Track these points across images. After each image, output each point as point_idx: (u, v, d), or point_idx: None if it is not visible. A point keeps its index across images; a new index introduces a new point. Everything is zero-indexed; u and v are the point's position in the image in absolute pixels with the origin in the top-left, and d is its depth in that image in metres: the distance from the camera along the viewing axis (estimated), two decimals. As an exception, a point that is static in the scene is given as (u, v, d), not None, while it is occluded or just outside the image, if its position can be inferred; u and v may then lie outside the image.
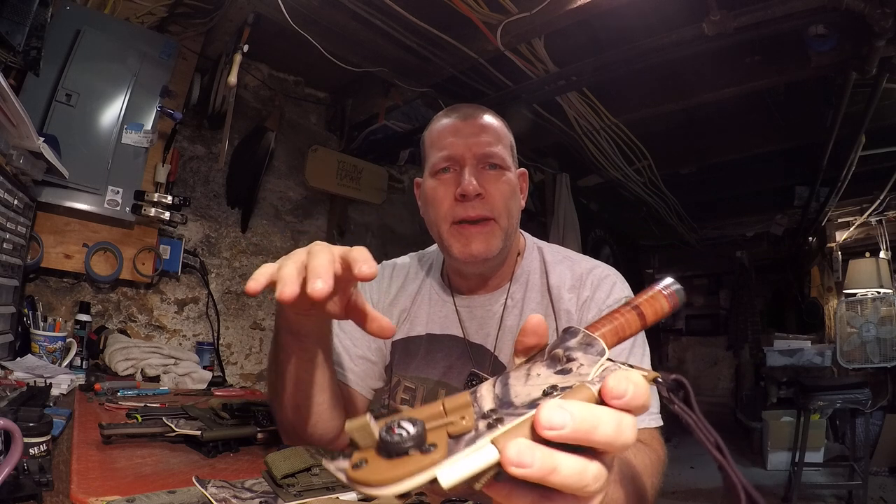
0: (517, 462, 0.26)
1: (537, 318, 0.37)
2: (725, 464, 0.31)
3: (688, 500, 3.38)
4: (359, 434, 0.28)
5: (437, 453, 0.26)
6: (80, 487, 0.57)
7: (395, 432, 0.27)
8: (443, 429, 0.28)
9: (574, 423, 0.26)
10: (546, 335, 0.37)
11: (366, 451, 0.28)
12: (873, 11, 1.69)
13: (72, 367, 1.69)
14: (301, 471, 0.56)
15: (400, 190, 3.41)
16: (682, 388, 0.34)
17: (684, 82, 2.61)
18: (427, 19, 2.01)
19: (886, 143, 3.05)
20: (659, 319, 0.38)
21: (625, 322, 0.36)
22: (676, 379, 0.34)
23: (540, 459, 0.26)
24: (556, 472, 0.26)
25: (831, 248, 4.27)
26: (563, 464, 0.27)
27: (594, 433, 0.27)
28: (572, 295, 0.88)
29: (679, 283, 0.38)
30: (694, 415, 0.33)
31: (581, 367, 0.30)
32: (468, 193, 0.82)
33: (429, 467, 0.26)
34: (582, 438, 0.27)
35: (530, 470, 0.26)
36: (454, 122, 0.87)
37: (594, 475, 0.28)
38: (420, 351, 0.93)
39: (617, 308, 0.37)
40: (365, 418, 0.29)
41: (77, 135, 1.85)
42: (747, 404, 4.89)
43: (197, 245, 2.51)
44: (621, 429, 0.28)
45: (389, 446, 0.27)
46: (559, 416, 0.26)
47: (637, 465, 0.63)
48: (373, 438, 0.28)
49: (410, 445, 0.27)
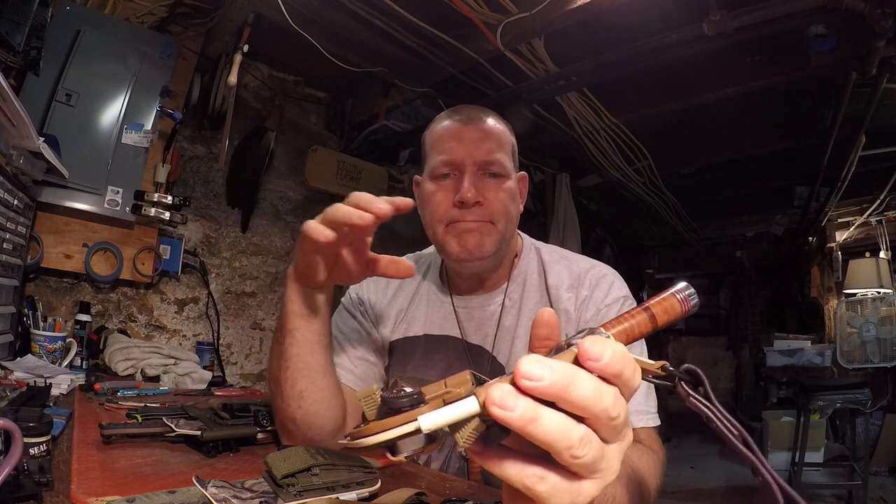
0: (500, 403, 0.25)
1: (549, 311, 0.37)
2: (756, 461, 0.29)
3: (688, 500, 3.38)
4: (365, 402, 0.31)
5: (426, 408, 0.28)
6: (80, 487, 0.57)
7: (395, 392, 0.29)
8: (440, 398, 0.29)
9: (552, 376, 0.26)
10: (558, 327, 0.37)
11: (371, 421, 0.30)
12: (873, 11, 1.69)
13: (72, 367, 1.69)
14: (301, 471, 0.56)
15: (400, 190, 3.41)
16: (698, 381, 0.32)
17: (684, 82, 2.61)
18: (427, 19, 2.01)
19: (886, 143, 3.05)
20: (671, 323, 0.37)
21: (636, 323, 0.35)
22: (689, 370, 0.32)
23: (523, 405, 0.25)
24: (539, 422, 0.26)
25: (831, 248, 4.27)
26: (546, 416, 0.26)
27: (572, 389, 0.26)
28: (571, 294, 0.88)
29: (693, 287, 0.38)
30: (714, 407, 0.31)
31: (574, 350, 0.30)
32: (467, 201, 0.81)
33: (413, 418, 0.27)
34: (559, 395, 0.26)
35: (512, 414, 0.25)
36: (456, 126, 0.87)
37: (581, 437, 0.27)
38: (418, 351, 0.93)
39: (629, 310, 0.36)
40: (373, 387, 0.31)
41: (77, 135, 1.85)
42: (747, 404, 4.90)
43: (197, 245, 2.51)
44: (601, 392, 0.27)
45: (387, 402, 0.29)
46: (538, 368, 0.26)
47: (639, 467, 0.63)
48: (377, 406, 0.30)
49: (405, 403, 0.28)
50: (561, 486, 0.28)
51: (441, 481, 0.75)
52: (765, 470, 0.28)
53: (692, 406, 0.32)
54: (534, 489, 0.28)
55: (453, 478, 0.80)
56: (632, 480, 0.57)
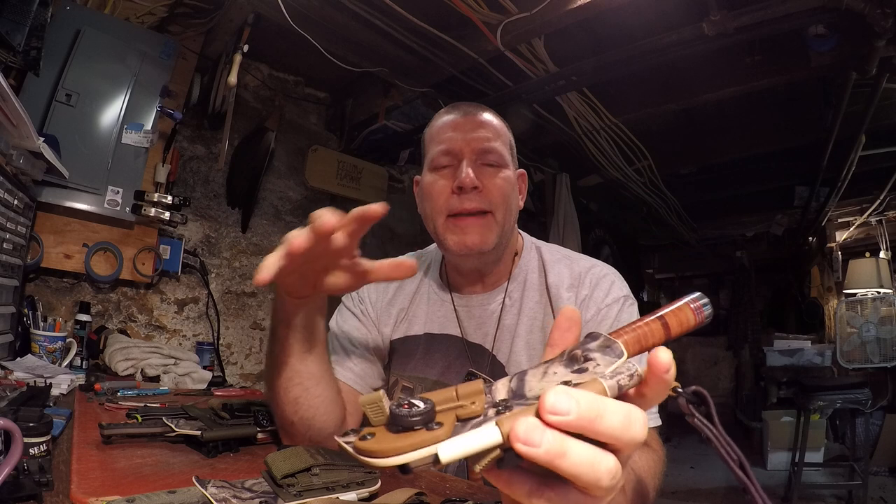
0: (525, 439, 0.24)
1: (572, 308, 0.37)
2: (749, 484, 0.29)
3: (688, 500, 3.38)
4: (371, 409, 0.29)
5: (442, 431, 0.27)
6: (80, 487, 0.57)
7: (406, 407, 0.28)
8: (452, 411, 0.28)
9: (579, 409, 0.25)
10: (579, 323, 0.36)
11: (376, 427, 0.29)
12: (873, 11, 1.69)
13: (72, 367, 1.68)
14: (301, 471, 0.56)
15: (400, 190, 3.41)
16: (703, 402, 0.32)
17: (684, 82, 2.61)
18: (427, 19, 2.01)
19: (886, 143, 3.05)
20: (684, 333, 0.36)
21: (648, 331, 0.35)
22: (697, 391, 0.33)
23: (549, 441, 0.25)
24: (566, 457, 0.25)
25: (831, 248, 4.27)
26: (573, 449, 0.25)
27: (600, 422, 0.26)
28: (571, 294, 0.88)
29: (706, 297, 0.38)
30: (716, 430, 0.31)
31: (598, 366, 0.29)
32: (465, 185, 0.82)
33: (431, 442, 0.26)
34: (587, 427, 0.25)
35: (538, 450, 0.24)
36: (454, 119, 0.88)
37: (608, 470, 0.26)
38: (418, 350, 0.93)
39: (642, 318, 0.36)
40: (379, 394, 0.30)
41: (77, 135, 1.85)
42: (747, 404, 4.90)
43: (197, 245, 2.51)
44: (630, 421, 0.27)
45: (397, 419, 0.28)
46: (565, 401, 0.25)
47: (639, 467, 0.63)
48: (384, 414, 0.29)
49: (417, 420, 0.27)
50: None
51: (441, 481, 0.75)
52: (756, 494, 0.29)
53: (695, 426, 0.32)
54: None
55: (453, 478, 0.80)
56: (631, 480, 0.57)
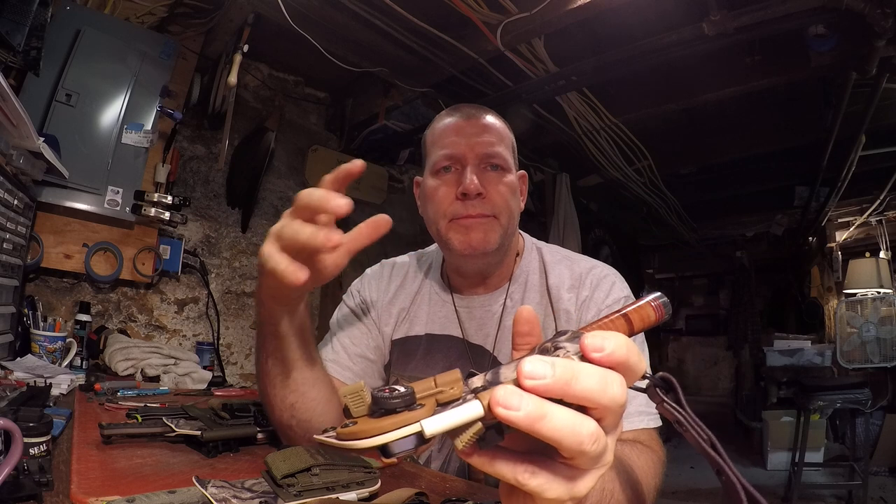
0: (504, 403, 0.25)
1: (528, 308, 0.38)
2: (722, 463, 0.30)
3: (688, 500, 3.38)
4: (352, 398, 0.29)
5: (423, 411, 0.27)
6: (80, 487, 0.57)
7: (387, 391, 0.28)
8: (432, 397, 0.29)
9: (555, 373, 0.26)
10: (538, 324, 0.38)
11: (358, 418, 0.29)
12: (873, 11, 1.69)
13: (72, 367, 1.69)
14: (301, 471, 0.56)
15: (400, 190, 3.41)
16: (671, 388, 0.33)
17: (684, 82, 2.61)
18: (427, 19, 2.02)
19: (886, 143, 3.05)
20: (646, 328, 0.39)
21: (613, 326, 0.37)
22: (663, 377, 0.34)
23: (528, 404, 0.25)
24: (546, 420, 0.25)
25: (831, 248, 4.27)
26: (553, 412, 0.26)
27: (576, 383, 0.26)
28: (571, 295, 0.88)
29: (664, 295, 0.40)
30: (684, 412, 0.32)
31: (567, 353, 0.30)
32: (470, 192, 0.81)
33: (413, 420, 0.27)
34: (564, 390, 0.26)
35: (518, 413, 0.25)
36: (457, 122, 0.87)
37: (590, 433, 0.27)
38: (419, 351, 0.93)
39: (607, 314, 0.38)
40: (360, 384, 0.30)
41: (77, 135, 1.85)
42: (747, 404, 4.89)
43: (197, 245, 2.51)
44: (606, 382, 0.27)
45: (379, 402, 0.28)
46: (540, 366, 0.26)
47: (637, 467, 0.63)
48: (365, 404, 0.29)
49: (399, 402, 0.28)
50: (554, 480, 0.28)
51: (441, 481, 0.75)
52: (730, 472, 0.29)
53: (663, 412, 0.33)
54: (527, 484, 0.28)
55: (453, 478, 0.80)
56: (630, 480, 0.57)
